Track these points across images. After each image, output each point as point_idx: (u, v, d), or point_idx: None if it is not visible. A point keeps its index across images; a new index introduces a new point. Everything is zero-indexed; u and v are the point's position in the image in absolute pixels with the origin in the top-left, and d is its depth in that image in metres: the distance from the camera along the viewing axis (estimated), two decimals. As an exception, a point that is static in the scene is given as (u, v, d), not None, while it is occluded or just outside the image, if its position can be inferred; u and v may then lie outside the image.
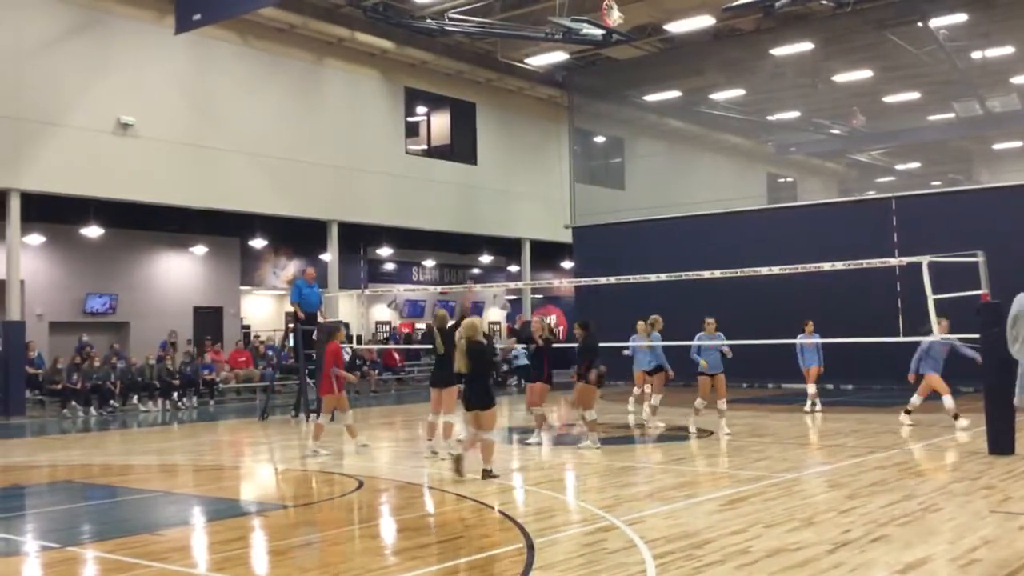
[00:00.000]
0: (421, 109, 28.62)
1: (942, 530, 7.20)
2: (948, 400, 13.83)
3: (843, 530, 7.16)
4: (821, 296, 20.47)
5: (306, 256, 29.60)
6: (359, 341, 25.14)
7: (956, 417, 13.70)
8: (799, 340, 16.70)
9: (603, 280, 18.87)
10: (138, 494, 10.05)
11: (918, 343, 14.03)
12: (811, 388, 17.07)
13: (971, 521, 7.46)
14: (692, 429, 14.08)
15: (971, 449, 11.62)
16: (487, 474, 9.97)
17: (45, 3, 19.90)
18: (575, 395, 12.78)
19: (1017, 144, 30.02)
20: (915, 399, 14.37)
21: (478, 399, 10.25)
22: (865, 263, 14.38)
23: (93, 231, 23.65)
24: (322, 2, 23.79)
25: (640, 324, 16.01)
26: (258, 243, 28.04)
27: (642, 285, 18.80)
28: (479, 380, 10.33)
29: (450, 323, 12.27)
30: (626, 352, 16.52)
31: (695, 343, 14.27)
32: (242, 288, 28.74)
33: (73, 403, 20.00)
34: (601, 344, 13.86)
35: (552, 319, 39.36)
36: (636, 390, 16.87)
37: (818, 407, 16.99)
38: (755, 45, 26.45)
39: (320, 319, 18.36)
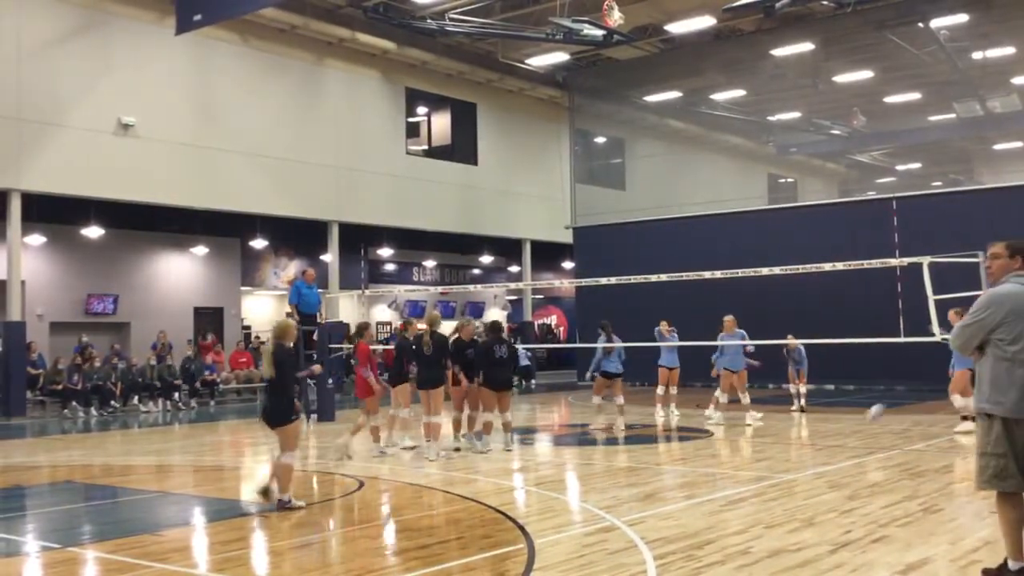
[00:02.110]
0: (422, 109, 28.63)
1: (943, 531, 7.20)
2: (959, 400, 13.47)
3: (844, 531, 7.16)
4: (822, 297, 20.49)
5: (307, 256, 29.59)
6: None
7: (965, 419, 13.38)
8: (795, 344, 16.83)
9: (604, 280, 18.87)
10: (139, 494, 10.05)
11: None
12: (803, 388, 17.36)
13: (971, 522, 7.46)
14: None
15: (972, 450, 11.60)
16: (284, 505, 8.54)
17: (46, 4, 19.92)
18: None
19: (1018, 144, 29.99)
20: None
21: (278, 414, 8.78)
22: (866, 263, 14.38)
23: (94, 231, 23.66)
24: (323, 3, 23.80)
25: (664, 324, 16.11)
26: (259, 243, 28.04)
27: (643, 285, 18.80)
28: (280, 391, 8.83)
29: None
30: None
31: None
32: (243, 288, 28.73)
33: (74, 404, 20.00)
34: (603, 345, 13.90)
35: (553, 319, 39.41)
36: (721, 396, 15.99)
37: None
38: (756, 45, 26.46)
39: (320, 320, 18.36)
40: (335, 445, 12.23)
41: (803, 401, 17.32)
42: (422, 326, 12.39)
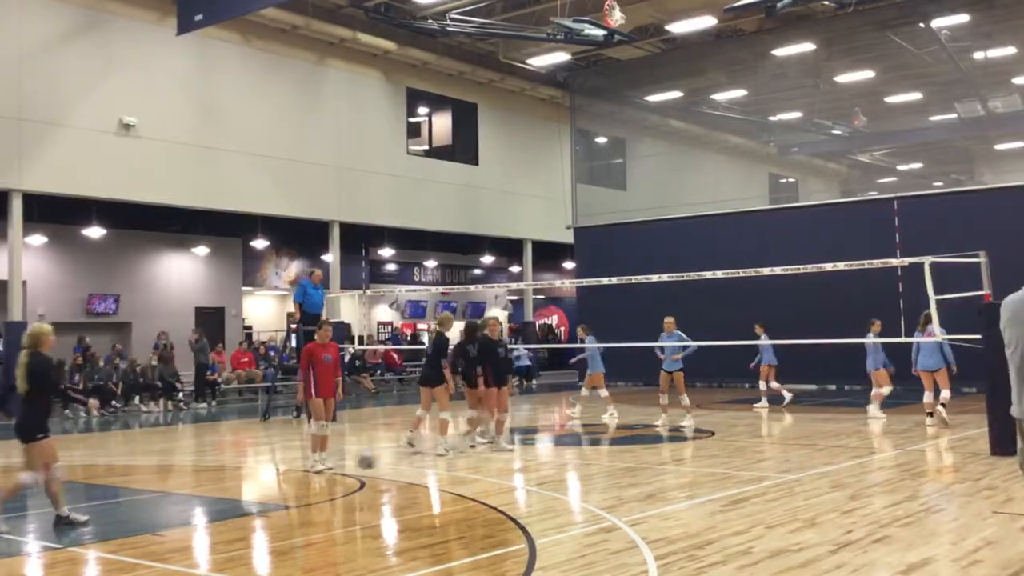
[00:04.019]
0: (423, 109, 28.63)
1: (944, 531, 7.20)
2: (928, 396, 14.60)
3: (845, 531, 7.15)
4: (823, 296, 20.47)
5: (308, 256, 29.63)
6: (361, 342, 25.14)
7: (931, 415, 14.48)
8: (760, 342, 17.48)
9: (605, 280, 18.87)
10: (140, 494, 10.05)
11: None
12: (774, 384, 18.11)
13: (973, 522, 7.45)
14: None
15: (973, 450, 11.61)
16: (62, 520, 8.11)
17: (47, 4, 19.91)
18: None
19: (1019, 144, 29.96)
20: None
21: (28, 430, 8.11)
22: (867, 264, 14.37)
23: (95, 231, 23.68)
24: (324, 3, 23.80)
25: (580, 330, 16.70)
26: (260, 243, 28.05)
27: (644, 286, 18.80)
28: (34, 404, 8.16)
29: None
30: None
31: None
32: (244, 288, 28.75)
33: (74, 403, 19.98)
34: (602, 345, 13.93)
35: (555, 319, 39.41)
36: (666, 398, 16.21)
37: (763, 403, 17.96)
38: (757, 45, 26.44)
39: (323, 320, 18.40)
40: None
41: (780, 399, 18.02)
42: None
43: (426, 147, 28.77)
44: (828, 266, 14.69)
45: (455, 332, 13.66)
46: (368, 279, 31.23)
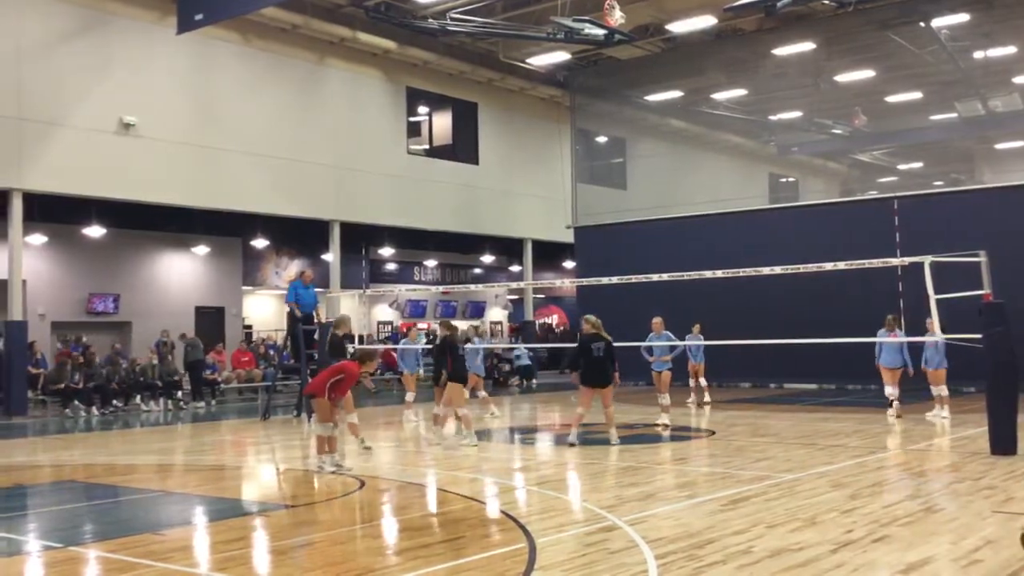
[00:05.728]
0: (423, 109, 28.64)
1: (944, 531, 7.19)
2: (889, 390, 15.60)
3: (845, 530, 7.15)
4: (823, 296, 20.49)
5: (308, 256, 29.64)
6: (361, 341, 25.12)
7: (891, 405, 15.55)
8: (688, 342, 17.74)
9: (604, 280, 18.87)
10: (140, 494, 10.04)
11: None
12: (703, 382, 18.75)
13: (973, 522, 7.45)
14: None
15: (973, 450, 11.61)
16: None
17: (47, 3, 19.92)
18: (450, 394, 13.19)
19: (1019, 144, 29.98)
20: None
21: None
22: (867, 263, 14.37)
23: (95, 231, 23.70)
24: (324, 2, 23.81)
25: (657, 321, 16.46)
26: (260, 243, 28.06)
27: (644, 285, 18.79)
28: None
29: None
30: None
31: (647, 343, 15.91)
32: (244, 288, 28.75)
33: (75, 403, 19.99)
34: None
35: (555, 318, 39.40)
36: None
37: (691, 399, 18.77)
38: (757, 45, 26.46)
39: (316, 319, 18.46)
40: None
41: (706, 396, 18.58)
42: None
43: (426, 146, 28.79)
44: (828, 265, 14.68)
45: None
46: (368, 279, 31.25)
